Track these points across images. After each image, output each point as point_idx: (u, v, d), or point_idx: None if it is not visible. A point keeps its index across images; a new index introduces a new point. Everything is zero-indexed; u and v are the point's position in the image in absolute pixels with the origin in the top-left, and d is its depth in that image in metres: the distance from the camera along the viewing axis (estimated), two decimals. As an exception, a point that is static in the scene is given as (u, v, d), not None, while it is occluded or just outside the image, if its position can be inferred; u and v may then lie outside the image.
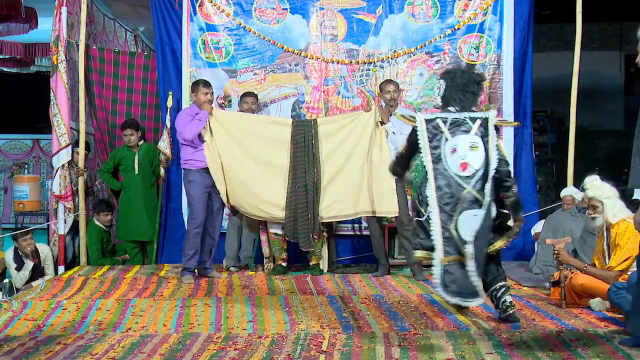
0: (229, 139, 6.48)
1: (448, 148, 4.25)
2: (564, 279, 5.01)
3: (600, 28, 11.95)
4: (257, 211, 6.52)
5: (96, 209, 7.42)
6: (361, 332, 4.31)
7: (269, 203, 6.47)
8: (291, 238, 6.53)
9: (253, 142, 6.58)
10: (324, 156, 6.51)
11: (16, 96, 12.48)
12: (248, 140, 6.57)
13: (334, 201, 6.49)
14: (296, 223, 6.43)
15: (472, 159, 4.22)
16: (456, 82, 4.44)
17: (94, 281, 6.28)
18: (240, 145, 6.54)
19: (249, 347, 3.97)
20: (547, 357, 3.68)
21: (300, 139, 6.51)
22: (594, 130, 11.67)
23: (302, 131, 6.53)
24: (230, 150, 6.46)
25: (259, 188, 6.48)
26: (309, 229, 6.42)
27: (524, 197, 7.28)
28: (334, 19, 7.35)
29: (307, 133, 6.52)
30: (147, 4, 7.59)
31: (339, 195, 6.49)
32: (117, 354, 3.88)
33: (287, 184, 6.47)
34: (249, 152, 6.56)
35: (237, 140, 6.53)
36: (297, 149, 6.50)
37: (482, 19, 7.28)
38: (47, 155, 9.50)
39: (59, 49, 7.16)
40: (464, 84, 4.43)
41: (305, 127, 6.56)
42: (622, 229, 4.72)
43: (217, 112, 6.50)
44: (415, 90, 7.33)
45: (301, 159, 6.48)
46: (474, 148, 4.25)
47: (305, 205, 6.41)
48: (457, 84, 4.44)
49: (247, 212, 6.57)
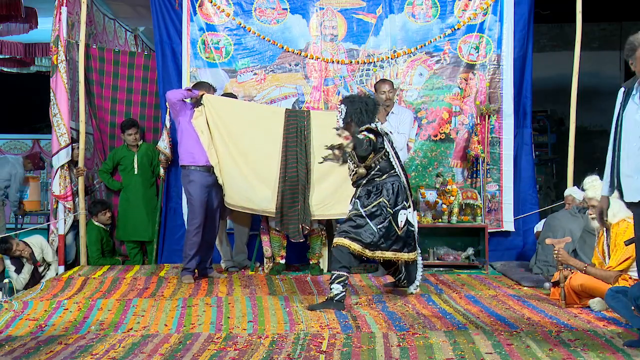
0: (220, 125, 6.42)
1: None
2: (564, 279, 5.01)
3: (600, 28, 11.94)
4: (247, 202, 6.44)
5: (92, 212, 7.38)
6: (360, 332, 4.31)
7: (259, 193, 6.42)
8: (280, 228, 6.50)
9: (245, 130, 6.51)
10: (316, 148, 6.43)
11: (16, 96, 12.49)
12: (240, 127, 6.49)
13: (325, 199, 6.44)
14: (286, 213, 6.38)
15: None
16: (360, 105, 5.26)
17: (94, 281, 6.29)
18: (232, 132, 6.46)
19: (249, 347, 3.98)
20: (546, 357, 3.68)
21: (293, 129, 6.47)
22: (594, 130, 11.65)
23: (295, 121, 6.49)
24: (221, 138, 6.41)
25: (249, 177, 6.43)
26: (298, 219, 6.37)
27: (524, 197, 7.34)
28: (334, 19, 7.35)
29: (300, 123, 6.48)
30: (147, 4, 7.59)
31: (330, 194, 6.43)
32: (117, 354, 3.88)
33: (279, 173, 6.42)
34: (241, 140, 6.49)
35: (229, 127, 6.45)
36: (289, 139, 6.46)
37: (482, 19, 7.28)
38: (47, 155, 9.50)
39: (59, 49, 7.16)
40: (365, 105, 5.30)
41: (298, 117, 6.53)
42: (622, 229, 4.72)
43: (210, 96, 6.44)
44: (415, 90, 7.33)
45: (293, 149, 6.43)
46: None
47: (296, 196, 6.36)
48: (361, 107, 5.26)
49: (237, 204, 6.51)
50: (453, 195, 6.92)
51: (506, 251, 7.28)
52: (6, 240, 6.77)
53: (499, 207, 7.25)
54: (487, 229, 6.88)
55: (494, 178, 7.27)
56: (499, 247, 7.24)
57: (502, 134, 7.28)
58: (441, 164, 7.29)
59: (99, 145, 7.88)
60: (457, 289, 5.75)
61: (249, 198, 6.45)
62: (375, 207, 5.17)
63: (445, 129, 7.30)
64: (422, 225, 6.89)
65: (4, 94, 12.19)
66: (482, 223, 6.96)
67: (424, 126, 7.28)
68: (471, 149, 7.13)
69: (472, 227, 6.99)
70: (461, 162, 7.30)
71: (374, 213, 5.17)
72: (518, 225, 7.31)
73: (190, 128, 6.34)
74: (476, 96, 7.26)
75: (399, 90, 7.16)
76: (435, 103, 7.31)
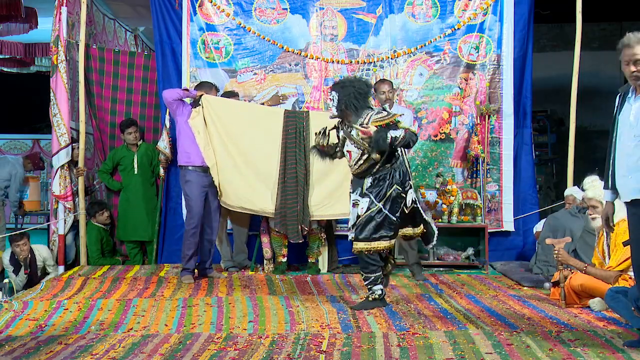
0: (219, 126, 6.41)
1: None
2: (564, 279, 5.01)
3: (600, 28, 11.93)
4: (246, 203, 6.43)
5: (90, 213, 7.38)
6: (361, 332, 4.31)
7: (258, 193, 6.41)
8: (280, 229, 6.50)
9: (244, 130, 6.50)
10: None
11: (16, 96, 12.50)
12: (239, 128, 6.49)
13: (324, 199, 6.44)
14: (285, 214, 6.38)
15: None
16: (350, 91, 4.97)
17: (94, 281, 6.29)
18: (231, 133, 6.46)
19: (249, 347, 3.98)
20: (546, 357, 3.68)
21: (292, 130, 6.47)
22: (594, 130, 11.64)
23: (294, 121, 6.49)
24: (220, 139, 6.41)
25: (248, 178, 6.42)
26: (297, 220, 6.37)
27: (524, 197, 7.34)
28: (334, 19, 7.35)
29: (299, 124, 6.47)
30: (147, 4, 7.59)
31: (329, 194, 6.44)
32: (117, 354, 3.88)
33: (278, 174, 6.42)
34: (240, 141, 6.49)
35: (227, 128, 6.45)
36: (288, 140, 6.46)
37: (482, 19, 7.28)
38: (47, 155, 9.50)
39: (59, 49, 7.16)
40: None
41: (297, 117, 6.53)
42: (622, 229, 4.70)
43: (209, 97, 6.43)
44: (415, 90, 7.33)
45: (292, 149, 6.43)
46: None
47: (295, 197, 6.36)
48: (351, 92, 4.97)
49: (236, 204, 6.51)
50: (453, 195, 6.92)
51: (506, 251, 7.28)
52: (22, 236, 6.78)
53: (499, 207, 7.25)
54: (487, 229, 6.88)
55: (494, 178, 7.27)
56: (499, 247, 7.24)
57: (502, 134, 7.28)
58: (441, 164, 7.29)
59: (99, 145, 7.88)
60: (458, 289, 5.75)
61: (248, 199, 6.45)
62: (389, 197, 5.01)
63: (445, 129, 7.30)
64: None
65: (4, 94, 12.20)
66: (482, 223, 6.96)
67: (424, 126, 7.28)
68: (471, 149, 7.13)
69: (472, 227, 7.00)
70: (461, 162, 7.30)
71: (388, 202, 5.01)
72: (518, 225, 7.31)
73: (187, 128, 6.34)
74: (476, 96, 7.26)
75: (399, 90, 7.16)
76: (435, 103, 7.31)
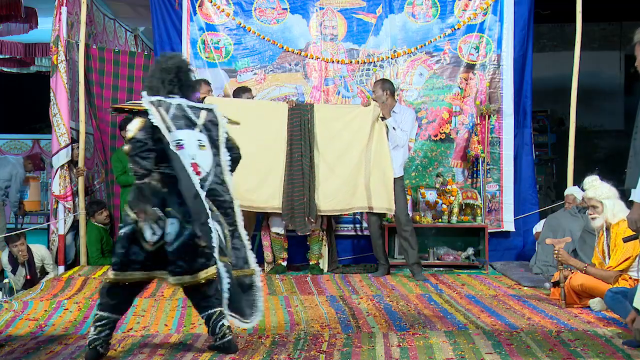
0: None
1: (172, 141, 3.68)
2: (564, 279, 5.01)
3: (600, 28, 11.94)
4: (251, 201, 6.32)
5: (89, 212, 7.37)
6: (361, 332, 4.31)
7: (264, 188, 6.43)
8: (288, 222, 6.51)
9: (249, 127, 6.50)
10: (320, 142, 6.48)
11: (16, 96, 12.50)
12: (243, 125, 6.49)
13: (330, 194, 6.46)
14: (292, 207, 6.40)
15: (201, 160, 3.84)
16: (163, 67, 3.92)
17: (94, 281, 6.28)
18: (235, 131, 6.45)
19: (249, 347, 3.98)
20: (546, 357, 3.68)
21: (297, 123, 6.49)
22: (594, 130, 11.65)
23: (299, 115, 6.51)
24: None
25: (254, 173, 6.39)
26: (304, 212, 6.39)
27: (524, 197, 7.34)
28: (334, 19, 7.35)
29: (304, 117, 6.50)
30: (147, 4, 7.59)
31: (335, 189, 6.47)
32: (117, 353, 3.88)
33: (284, 168, 6.45)
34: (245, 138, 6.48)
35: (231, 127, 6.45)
36: (294, 133, 6.48)
37: (482, 19, 7.29)
38: (47, 155, 9.50)
39: (59, 49, 7.16)
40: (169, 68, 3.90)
41: (301, 111, 6.55)
42: (622, 229, 4.71)
43: (211, 98, 6.43)
44: (415, 90, 7.33)
45: (297, 142, 6.46)
46: (202, 147, 3.89)
47: (302, 189, 6.40)
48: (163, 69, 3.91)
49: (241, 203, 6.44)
50: (453, 195, 6.92)
51: (506, 251, 7.29)
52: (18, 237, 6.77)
53: (499, 207, 7.26)
54: (487, 229, 6.88)
55: (494, 178, 7.27)
56: (499, 247, 7.25)
57: (502, 134, 7.28)
58: (441, 164, 7.30)
59: (99, 145, 7.88)
60: (457, 289, 5.75)
61: (253, 195, 6.44)
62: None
63: (445, 129, 7.30)
64: (422, 225, 6.92)
65: (4, 94, 12.20)
66: (482, 223, 6.96)
67: (424, 126, 7.29)
68: (471, 149, 7.13)
69: (472, 227, 7.00)
70: (461, 162, 7.31)
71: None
72: (518, 225, 7.31)
73: None
74: (476, 96, 7.27)
75: (399, 90, 7.16)
76: (436, 103, 7.32)
